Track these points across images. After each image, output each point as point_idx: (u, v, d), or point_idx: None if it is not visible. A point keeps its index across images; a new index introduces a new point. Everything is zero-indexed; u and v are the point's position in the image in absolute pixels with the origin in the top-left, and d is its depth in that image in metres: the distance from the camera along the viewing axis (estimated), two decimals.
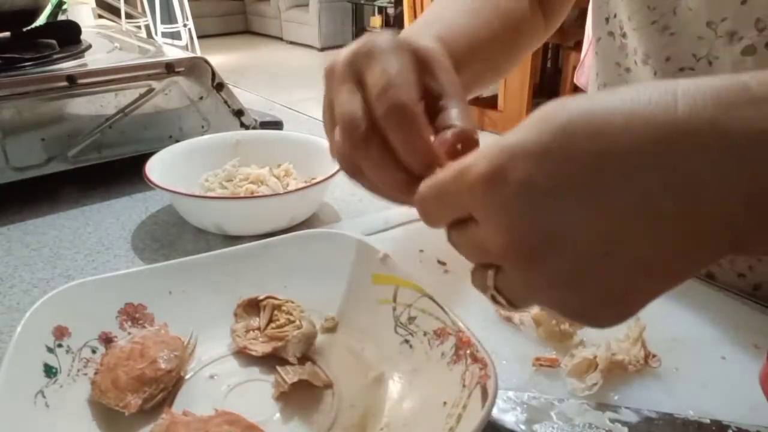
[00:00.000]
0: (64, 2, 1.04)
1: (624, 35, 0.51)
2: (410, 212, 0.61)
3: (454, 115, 0.32)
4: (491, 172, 0.23)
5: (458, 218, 0.26)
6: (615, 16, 0.51)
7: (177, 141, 0.71)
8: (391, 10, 5.64)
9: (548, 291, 0.24)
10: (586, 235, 0.22)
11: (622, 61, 0.52)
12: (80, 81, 0.69)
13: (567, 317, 0.24)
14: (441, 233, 0.29)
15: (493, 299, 0.26)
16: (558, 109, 0.22)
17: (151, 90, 0.73)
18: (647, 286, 0.23)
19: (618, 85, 0.53)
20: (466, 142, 0.30)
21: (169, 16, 4.84)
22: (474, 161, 0.24)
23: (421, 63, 0.33)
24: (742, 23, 0.42)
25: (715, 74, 0.44)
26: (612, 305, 0.23)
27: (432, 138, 0.31)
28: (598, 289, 0.23)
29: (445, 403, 0.34)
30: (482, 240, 0.24)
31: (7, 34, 0.81)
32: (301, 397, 0.38)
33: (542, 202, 0.22)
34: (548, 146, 0.22)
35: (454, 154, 0.30)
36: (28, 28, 0.83)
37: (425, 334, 0.40)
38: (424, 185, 0.27)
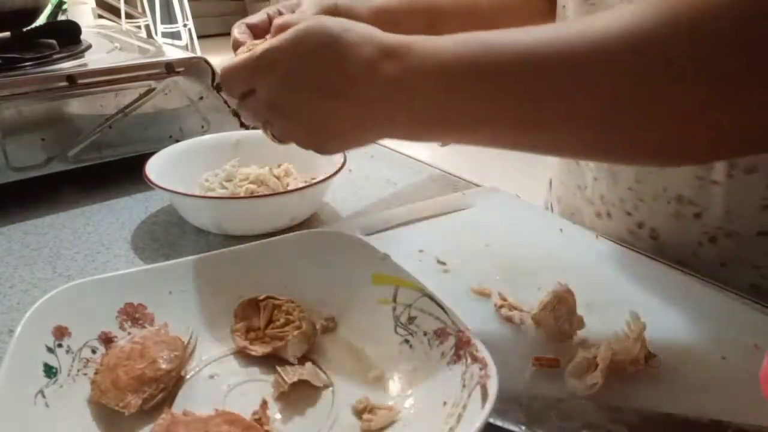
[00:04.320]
0: (64, 2, 1.04)
1: None
2: (410, 212, 0.61)
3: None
4: (265, 66, 0.40)
5: (245, 91, 0.43)
6: None
7: (177, 141, 0.71)
8: None
9: (292, 131, 0.43)
10: (305, 105, 0.41)
11: None
12: (80, 81, 0.69)
13: (305, 147, 0.43)
14: (442, 234, 0.29)
15: (273, 139, 0.45)
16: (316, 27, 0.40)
17: (151, 90, 0.73)
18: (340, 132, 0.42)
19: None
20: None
21: (169, 16, 4.84)
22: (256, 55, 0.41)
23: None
24: None
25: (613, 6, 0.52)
26: (325, 140, 0.43)
27: None
28: (311, 130, 0.42)
29: (445, 403, 0.34)
30: (257, 104, 0.42)
31: (7, 34, 0.81)
32: (301, 397, 0.38)
33: (289, 86, 0.40)
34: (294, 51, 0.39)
35: None
36: (28, 28, 0.83)
37: (425, 334, 0.40)
38: (224, 67, 0.43)
